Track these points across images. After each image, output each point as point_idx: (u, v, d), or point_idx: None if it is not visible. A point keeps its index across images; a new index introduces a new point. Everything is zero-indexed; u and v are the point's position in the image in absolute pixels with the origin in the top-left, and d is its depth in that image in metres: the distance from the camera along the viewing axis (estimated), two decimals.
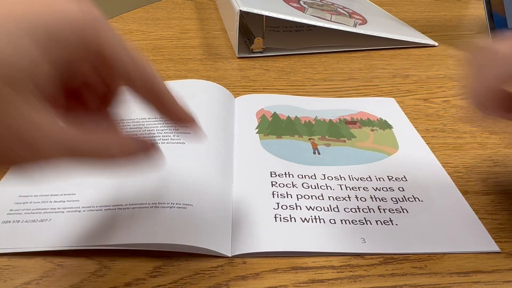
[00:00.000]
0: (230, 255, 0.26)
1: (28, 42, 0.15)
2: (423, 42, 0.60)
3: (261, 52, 0.56)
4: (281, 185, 0.32)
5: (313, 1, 0.64)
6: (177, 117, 0.22)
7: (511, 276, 0.25)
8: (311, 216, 0.29)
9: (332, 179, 0.33)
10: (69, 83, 0.18)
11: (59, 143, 0.16)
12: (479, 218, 0.29)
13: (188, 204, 0.28)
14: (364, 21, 0.61)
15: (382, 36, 0.57)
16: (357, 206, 0.30)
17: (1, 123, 0.15)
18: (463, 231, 0.28)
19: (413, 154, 0.36)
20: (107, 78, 0.19)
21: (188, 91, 0.43)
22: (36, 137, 0.16)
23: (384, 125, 0.40)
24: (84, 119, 0.20)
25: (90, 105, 0.21)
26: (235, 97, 0.44)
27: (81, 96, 0.20)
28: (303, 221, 0.28)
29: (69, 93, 0.19)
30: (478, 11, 0.77)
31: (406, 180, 0.33)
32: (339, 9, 0.64)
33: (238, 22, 0.51)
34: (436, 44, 0.60)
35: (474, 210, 0.30)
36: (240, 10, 0.50)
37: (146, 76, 0.19)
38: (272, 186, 0.31)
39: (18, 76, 0.15)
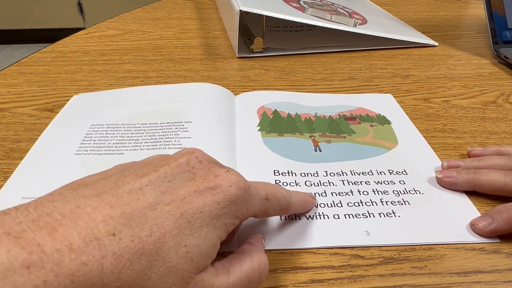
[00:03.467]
0: None
1: (207, 230, 0.20)
2: (423, 42, 0.60)
3: (261, 52, 0.56)
4: (285, 184, 0.32)
5: (313, 1, 0.64)
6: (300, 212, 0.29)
7: (511, 276, 0.25)
8: (315, 213, 0.29)
9: (334, 175, 0.33)
10: None
11: None
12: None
13: None
14: (364, 21, 0.61)
15: (382, 36, 0.57)
16: (360, 200, 0.30)
17: None
18: (463, 222, 0.29)
19: (412, 149, 0.37)
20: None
21: (187, 95, 0.43)
22: None
23: (382, 120, 0.41)
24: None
25: None
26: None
27: None
28: (308, 219, 0.29)
29: None
30: (478, 11, 0.77)
31: (407, 174, 0.33)
32: (339, 9, 0.64)
33: (238, 22, 0.51)
34: (436, 44, 0.60)
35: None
36: (240, 10, 0.50)
37: (280, 210, 0.25)
38: None
39: (202, 259, 0.19)
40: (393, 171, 0.34)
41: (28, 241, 0.16)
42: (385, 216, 0.29)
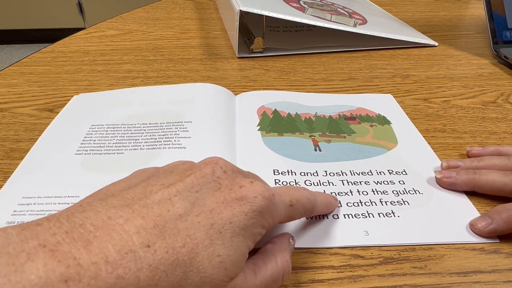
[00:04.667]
0: None
1: (237, 240, 0.20)
2: (423, 42, 0.60)
3: (261, 52, 0.56)
4: (284, 183, 0.32)
5: (313, 1, 0.64)
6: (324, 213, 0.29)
7: (511, 276, 0.25)
8: None
9: (334, 175, 0.33)
10: None
11: None
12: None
13: None
14: (364, 21, 0.61)
15: (382, 36, 0.57)
16: (359, 200, 0.30)
17: None
18: (463, 222, 0.29)
19: (411, 149, 0.36)
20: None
21: (187, 95, 0.43)
22: None
23: (382, 120, 0.41)
24: None
25: None
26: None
27: None
28: (307, 218, 0.29)
29: None
30: (478, 11, 0.77)
31: (406, 174, 0.33)
32: (339, 9, 0.64)
33: (238, 22, 0.51)
34: (436, 44, 0.60)
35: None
36: (240, 10, 0.50)
37: (304, 213, 0.25)
38: (275, 184, 0.32)
39: (234, 268, 0.19)
40: (392, 171, 0.34)
41: (64, 254, 0.16)
42: (384, 216, 0.29)
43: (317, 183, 0.32)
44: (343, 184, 0.32)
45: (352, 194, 0.31)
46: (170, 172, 0.22)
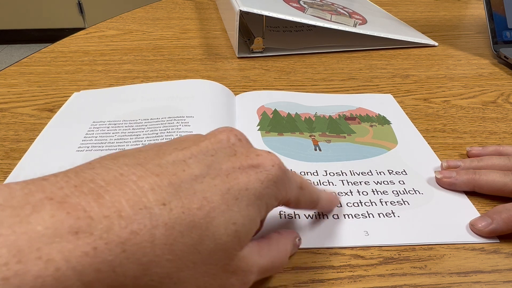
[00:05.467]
0: None
1: (253, 209, 0.19)
2: (423, 42, 0.60)
3: (261, 52, 0.56)
4: None
5: (313, 1, 0.64)
6: (326, 210, 0.29)
7: (511, 276, 0.25)
8: (314, 213, 0.29)
9: (334, 175, 0.33)
10: None
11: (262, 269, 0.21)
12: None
13: None
14: (364, 21, 0.61)
15: (382, 36, 0.57)
16: (359, 200, 0.30)
17: (234, 267, 0.19)
18: (463, 222, 0.29)
19: (411, 149, 0.36)
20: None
21: (188, 91, 0.43)
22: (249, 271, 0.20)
23: (382, 120, 0.41)
24: None
25: None
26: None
27: None
28: (307, 218, 0.29)
29: None
30: (478, 11, 0.77)
31: (406, 174, 0.33)
32: (339, 9, 0.64)
33: (238, 22, 0.51)
34: (436, 44, 0.60)
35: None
36: (240, 10, 0.50)
37: (310, 203, 0.25)
38: None
39: (247, 238, 0.19)
40: (392, 171, 0.34)
41: (73, 206, 0.15)
42: (384, 217, 0.29)
43: (317, 183, 0.32)
44: (343, 184, 0.32)
45: (352, 194, 0.31)
46: (183, 140, 0.21)
